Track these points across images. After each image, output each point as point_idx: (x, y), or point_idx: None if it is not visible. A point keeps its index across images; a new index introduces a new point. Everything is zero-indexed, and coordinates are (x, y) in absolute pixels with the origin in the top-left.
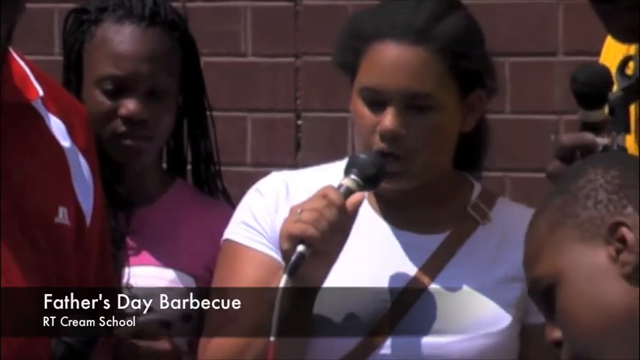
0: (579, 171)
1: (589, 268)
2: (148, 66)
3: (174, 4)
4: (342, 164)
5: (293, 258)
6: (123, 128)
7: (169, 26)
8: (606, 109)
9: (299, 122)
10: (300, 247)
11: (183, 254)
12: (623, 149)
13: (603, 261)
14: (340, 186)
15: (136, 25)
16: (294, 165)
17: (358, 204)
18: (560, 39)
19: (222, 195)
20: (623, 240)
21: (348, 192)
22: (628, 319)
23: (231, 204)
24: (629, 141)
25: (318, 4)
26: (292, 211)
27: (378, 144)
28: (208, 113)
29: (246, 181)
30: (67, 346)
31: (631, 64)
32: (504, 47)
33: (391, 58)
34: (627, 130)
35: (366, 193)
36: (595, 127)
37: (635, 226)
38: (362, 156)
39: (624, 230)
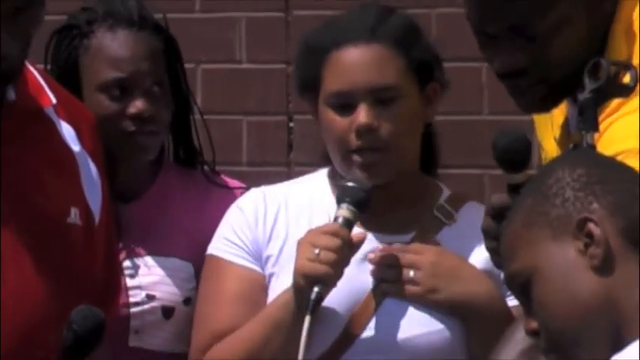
0: (548, 171)
1: (561, 262)
2: (146, 64)
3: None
4: (313, 177)
5: (313, 298)
6: (132, 127)
7: (155, 28)
8: (528, 170)
9: (291, 124)
10: (317, 288)
11: (179, 241)
12: (592, 147)
13: (573, 255)
14: (337, 218)
15: (129, 30)
16: (287, 164)
17: (363, 239)
18: None
19: (201, 165)
20: (590, 235)
21: (346, 222)
22: (598, 308)
23: (216, 174)
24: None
25: (308, 14)
26: (304, 245)
27: (354, 142)
28: (197, 116)
29: (242, 180)
30: (75, 333)
31: (601, 67)
32: (481, 54)
33: (353, 60)
34: (596, 129)
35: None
36: (519, 188)
37: (601, 221)
38: (350, 184)
39: (591, 226)
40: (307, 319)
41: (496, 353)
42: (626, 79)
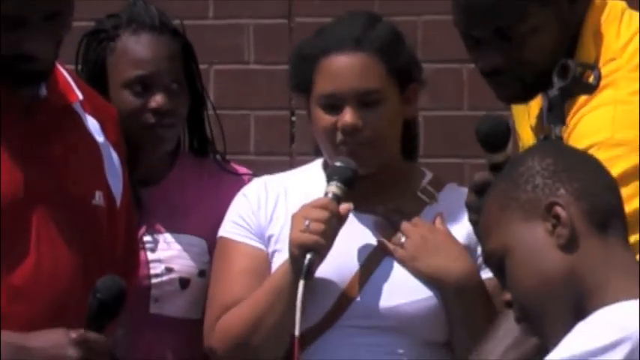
0: (520, 160)
1: (531, 241)
2: (166, 64)
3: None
4: (310, 167)
5: (306, 264)
6: (153, 120)
7: (174, 33)
8: (507, 151)
9: (293, 118)
10: (309, 255)
11: (194, 221)
12: (560, 138)
13: (542, 235)
14: (327, 193)
15: (150, 34)
16: (289, 154)
17: (349, 210)
18: None
19: (213, 154)
20: (557, 217)
21: (335, 197)
22: (564, 282)
23: (226, 162)
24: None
25: (308, 21)
26: (296, 219)
27: (340, 138)
28: (210, 112)
29: (249, 167)
30: (100, 301)
31: (569, 68)
32: (463, 55)
33: (340, 66)
34: (563, 123)
35: (351, 205)
36: (499, 167)
37: (567, 205)
38: (338, 164)
39: (558, 209)
40: (301, 284)
41: (481, 351)
42: (591, 78)
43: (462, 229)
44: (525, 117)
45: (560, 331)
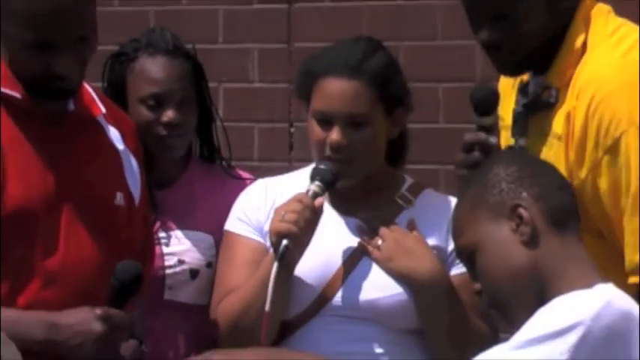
0: (488, 167)
1: (498, 238)
2: (177, 83)
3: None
4: (305, 170)
5: (281, 249)
6: (164, 132)
7: (186, 56)
8: (494, 117)
9: (292, 130)
10: (285, 242)
11: (202, 219)
12: (524, 148)
13: (507, 233)
14: (308, 190)
15: (165, 56)
16: (288, 160)
17: (322, 204)
18: (477, 70)
19: (219, 160)
20: (520, 217)
21: (315, 195)
22: (527, 274)
23: (231, 168)
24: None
25: (305, 46)
26: (277, 212)
27: (328, 153)
28: (218, 123)
29: (253, 173)
30: (119, 281)
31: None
32: (438, 76)
33: (334, 89)
34: (526, 135)
35: (323, 199)
36: (487, 129)
37: (529, 206)
38: (322, 166)
39: (521, 210)
40: (275, 265)
41: None
42: (549, 97)
43: (434, 231)
44: (508, 100)
45: (524, 317)
